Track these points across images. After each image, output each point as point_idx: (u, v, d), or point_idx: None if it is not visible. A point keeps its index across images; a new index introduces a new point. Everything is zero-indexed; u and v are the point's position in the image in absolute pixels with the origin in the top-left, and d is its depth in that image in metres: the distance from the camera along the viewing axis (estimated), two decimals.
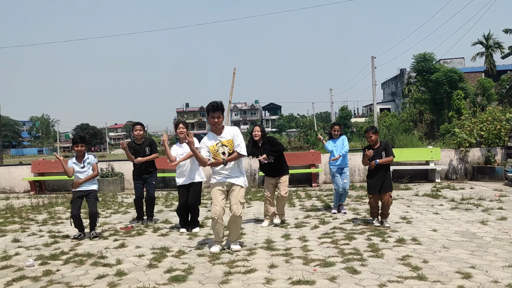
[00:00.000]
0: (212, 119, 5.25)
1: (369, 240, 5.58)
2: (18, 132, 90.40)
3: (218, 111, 5.23)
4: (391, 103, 61.44)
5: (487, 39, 42.57)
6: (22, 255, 5.42)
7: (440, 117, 33.93)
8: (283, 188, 6.68)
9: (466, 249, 5.00)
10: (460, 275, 4.10)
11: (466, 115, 15.93)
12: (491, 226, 6.12)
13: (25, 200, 10.89)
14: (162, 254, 5.22)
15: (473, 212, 7.25)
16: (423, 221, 6.66)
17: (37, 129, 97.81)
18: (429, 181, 11.82)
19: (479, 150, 12.16)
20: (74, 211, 6.24)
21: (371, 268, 4.42)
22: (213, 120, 5.25)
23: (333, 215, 7.39)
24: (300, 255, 4.97)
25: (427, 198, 8.89)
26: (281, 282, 4.09)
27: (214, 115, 5.23)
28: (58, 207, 9.44)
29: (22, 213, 8.74)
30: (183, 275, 4.38)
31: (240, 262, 4.79)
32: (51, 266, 4.87)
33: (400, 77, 57.87)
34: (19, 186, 13.10)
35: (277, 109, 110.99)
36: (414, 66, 36.41)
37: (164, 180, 12.55)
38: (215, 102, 5.25)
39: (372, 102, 33.38)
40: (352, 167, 12.40)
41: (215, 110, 5.21)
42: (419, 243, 5.35)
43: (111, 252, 5.42)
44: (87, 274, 4.55)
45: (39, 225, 7.41)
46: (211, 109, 5.21)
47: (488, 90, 33.06)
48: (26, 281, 4.41)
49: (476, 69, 45.47)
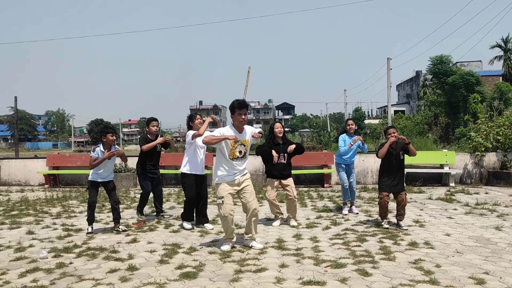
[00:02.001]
0: (239, 116, 5.30)
1: (381, 242, 5.53)
2: (34, 126, 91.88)
3: (244, 108, 5.32)
4: (405, 105, 60.76)
5: (506, 42, 41.85)
6: (36, 247, 5.51)
7: (455, 121, 33.47)
8: (292, 191, 6.62)
9: (480, 255, 4.92)
10: (474, 281, 4.04)
11: (483, 119, 15.65)
12: (506, 232, 6.02)
13: (39, 193, 11.07)
14: (173, 250, 5.25)
15: (488, 217, 7.13)
16: (436, 225, 6.57)
17: (52, 123, 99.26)
18: (443, 185, 11.66)
19: (495, 155, 11.95)
20: (94, 198, 6.32)
21: (382, 270, 4.38)
22: (240, 117, 5.30)
23: (344, 217, 7.34)
24: (311, 256, 4.95)
25: (441, 202, 8.77)
26: (291, 282, 4.08)
27: (241, 112, 5.30)
28: (72, 201, 9.57)
29: (37, 205, 8.88)
30: (194, 272, 4.40)
31: (251, 260, 4.79)
32: (64, 259, 4.95)
33: (416, 79, 57.21)
34: (34, 179, 13.32)
35: (290, 109, 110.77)
36: (431, 69, 35.98)
37: (176, 176, 12.63)
38: (241, 99, 5.37)
39: (387, 103, 33.07)
40: (365, 168, 12.31)
41: (242, 108, 5.29)
42: (432, 247, 5.29)
43: (123, 247, 5.48)
44: (99, 268, 4.61)
45: (53, 218, 7.53)
46: (237, 107, 5.28)
47: (505, 94, 32.48)
48: (39, 272, 4.49)
49: (493, 72, 44.71)
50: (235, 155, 5.30)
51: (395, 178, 6.32)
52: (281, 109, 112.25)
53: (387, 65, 33.30)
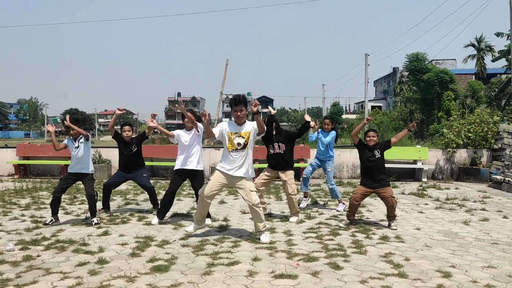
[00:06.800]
0: (235, 113, 5.33)
1: (353, 236, 5.61)
2: (5, 114, 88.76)
3: (240, 104, 5.31)
4: (382, 101, 61.74)
5: (479, 41, 42.88)
6: (3, 239, 5.34)
7: (430, 117, 34.21)
8: (290, 186, 6.48)
9: (448, 249, 5.06)
10: (440, 274, 4.15)
11: (455, 116, 16.07)
12: (473, 227, 6.20)
13: (8, 184, 10.73)
14: (145, 243, 5.18)
15: (457, 212, 7.33)
16: (408, 219, 6.72)
17: (24, 112, 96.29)
18: (416, 180, 11.93)
19: (465, 152, 12.29)
20: (57, 189, 6.17)
21: (353, 264, 4.45)
22: (236, 113, 5.33)
23: (319, 210, 7.41)
24: (284, 249, 4.98)
25: (413, 197, 8.97)
26: (263, 275, 4.09)
27: (237, 109, 5.31)
28: (42, 192, 9.32)
29: (5, 196, 8.61)
30: (166, 265, 4.35)
31: (224, 254, 4.78)
32: (32, 252, 4.81)
33: (393, 75, 58.12)
34: (3, 169, 12.90)
35: (269, 102, 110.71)
36: (407, 65, 36.57)
37: (152, 168, 12.46)
38: (238, 95, 5.37)
39: (364, 99, 33.51)
40: (340, 163, 12.46)
41: (237, 104, 5.29)
42: (402, 241, 5.40)
43: (93, 240, 5.37)
44: (68, 261, 4.50)
45: (22, 210, 7.31)
46: (233, 103, 5.31)
47: (477, 92, 33.39)
48: (5, 265, 4.35)
49: (467, 71, 45.86)
50: (234, 147, 5.32)
51: (378, 174, 6.06)
52: (260, 102, 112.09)
53: (365, 61, 33.74)
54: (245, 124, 5.43)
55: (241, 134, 5.36)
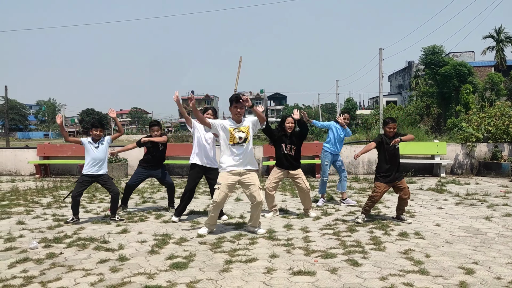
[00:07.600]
0: (235, 109, 5.45)
1: (371, 233, 5.56)
2: (25, 115, 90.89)
3: (240, 102, 5.42)
4: (397, 96, 60.95)
5: (498, 33, 41.91)
6: (26, 238, 5.47)
7: (447, 111, 33.63)
8: (304, 182, 6.59)
9: (470, 245, 4.97)
10: (463, 271, 4.08)
11: (474, 109, 15.75)
12: (495, 222, 6.08)
13: (30, 183, 10.97)
14: (163, 240, 5.24)
15: (478, 207, 7.20)
16: (427, 215, 6.62)
17: (43, 113, 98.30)
18: (434, 176, 11.75)
19: (486, 146, 12.04)
20: (75, 193, 6.27)
21: (372, 261, 4.41)
22: (236, 110, 5.45)
23: (335, 207, 7.37)
24: (301, 246, 4.97)
25: (432, 193, 8.84)
26: (281, 272, 4.09)
27: (238, 106, 5.42)
28: (63, 191, 9.50)
29: (27, 195, 8.80)
30: (184, 262, 4.39)
31: (241, 251, 4.79)
32: (54, 249, 4.91)
33: (408, 69, 57.30)
34: (25, 169, 13.19)
35: (282, 99, 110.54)
36: (423, 59, 36.00)
37: (167, 167, 12.57)
38: (237, 94, 5.52)
39: (379, 94, 33.09)
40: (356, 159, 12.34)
41: (239, 101, 5.41)
42: (422, 237, 5.33)
43: (113, 237, 5.45)
44: (89, 258, 4.58)
45: (44, 208, 7.46)
46: (235, 100, 5.42)
47: (497, 85, 32.69)
48: (29, 263, 4.45)
49: (486, 63, 44.88)
50: (235, 141, 5.41)
51: (395, 167, 6.10)
52: (273, 99, 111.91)
53: (379, 55, 33.27)
54: (243, 120, 5.57)
55: (241, 129, 5.47)
